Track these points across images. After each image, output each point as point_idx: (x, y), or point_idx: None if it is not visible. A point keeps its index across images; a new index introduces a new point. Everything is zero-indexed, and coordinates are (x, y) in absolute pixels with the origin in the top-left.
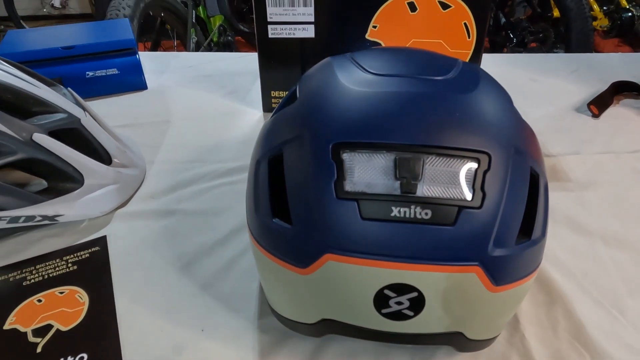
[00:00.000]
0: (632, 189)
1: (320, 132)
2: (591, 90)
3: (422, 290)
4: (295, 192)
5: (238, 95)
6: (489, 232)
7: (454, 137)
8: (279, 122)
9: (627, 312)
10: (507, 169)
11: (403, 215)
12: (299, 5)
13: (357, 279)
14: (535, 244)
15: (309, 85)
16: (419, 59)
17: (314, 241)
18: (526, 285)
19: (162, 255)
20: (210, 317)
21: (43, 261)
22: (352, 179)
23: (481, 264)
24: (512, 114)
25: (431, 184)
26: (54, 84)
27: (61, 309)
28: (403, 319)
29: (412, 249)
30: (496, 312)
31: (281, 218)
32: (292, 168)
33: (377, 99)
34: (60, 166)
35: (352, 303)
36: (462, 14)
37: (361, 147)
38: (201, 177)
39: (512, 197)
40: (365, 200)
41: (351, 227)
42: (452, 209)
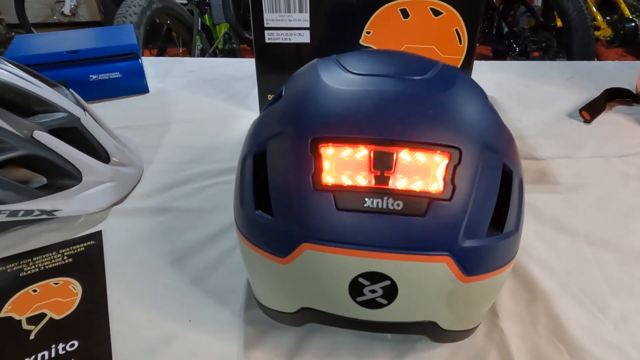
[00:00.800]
0: (619, 192)
1: (301, 128)
2: (585, 96)
3: (394, 279)
4: (276, 185)
5: (237, 99)
6: (458, 223)
7: (427, 133)
8: (265, 119)
9: (608, 310)
10: (477, 163)
11: (376, 206)
12: (295, 11)
13: (332, 267)
14: (507, 237)
15: (294, 84)
16: (400, 61)
17: (292, 231)
18: (499, 277)
19: (155, 250)
20: (199, 310)
21: (40, 254)
22: (328, 171)
23: (451, 254)
24: (486, 113)
25: (404, 177)
26: (56, 85)
27: (55, 299)
28: (377, 307)
29: (385, 239)
30: (469, 303)
31: (264, 210)
32: (274, 162)
33: (355, 97)
34: (60, 163)
35: (329, 291)
36: (453, 20)
37: (339, 141)
38: (197, 177)
39: (482, 191)
40: (340, 192)
41: (327, 218)
42: (422, 201)
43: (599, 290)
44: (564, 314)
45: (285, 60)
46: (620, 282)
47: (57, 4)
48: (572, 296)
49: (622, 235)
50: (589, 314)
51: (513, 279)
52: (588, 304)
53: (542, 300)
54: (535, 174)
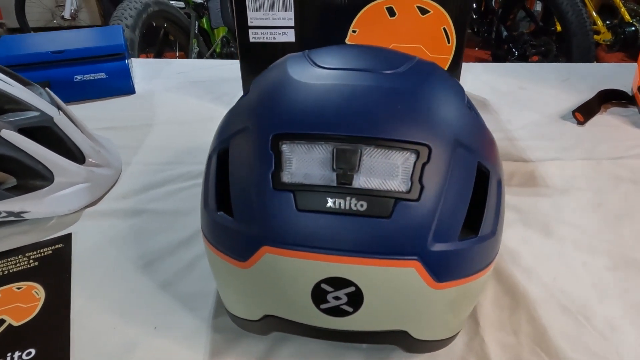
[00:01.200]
0: (609, 195)
1: (263, 124)
2: (580, 98)
3: (359, 285)
4: (237, 184)
5: (223, 101)
6: (427, 226)
7: (394, 129)
8: (231, 116)
9: (594, 318)
10: (448, 162)
11: (338, 206)
12: (280, 10)
13: (293, 272)
14: (482, 240)
15: (261, 80)
16: (373, 55)
17: (252, 234)
18: (474, 284)
19: (125, 254)
20: (166, 316)
21: (5, 257)
22: (289, 170)
23: (420, 258)
24: (461, 109)
25: (368, 176)
26: (30, 84)
27: (16, 304)
28: (342, 315)
29: (348, 242)
30: (442, 311)
31: (225, 212)
32: (235, 160)
33: (321, 92)
34: (29, 163)
35: (291, 298)
36: (441, 19)
37: (301, 138)
38: (175, 178)
39: (454, 191)
40: (301, 192)
41: (287, 219)
42: (388, 201)
43: (586, 297)
44: (549, 322)
45: (270, 60)
46: (608, 288)
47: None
48: (557, 303)
49: (611, 240)
50: (575, 322)
51: (496, 285)
52: (574, 312)
53: (525, 308)
54: (524, 176)
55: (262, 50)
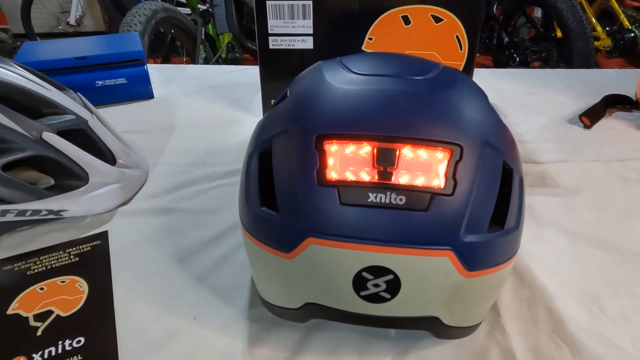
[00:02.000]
0: (618, 195)
1: (306, 125)
2: (585, 103)
3: (397, 273)
4: (282, 181)
5: (240, 105)
6: (460, 218)
7: (429, 130)
8: (270, 119)
9: (607, 309)
10: (478, 160)
11: (379, 200)
12: (299, 18)
13: (336, 261)
14: (508, 233)
15: (299, 85)
16: (402, 62)
17: (297, 226)
18: (500, 273)
19: (160, 250)
20: (203, 307)
21: (47, 253)
22: (333, 167)
23: (453, 248)
24: (486, 111)
25: (406, 172)
26: (65, 89)
27: (62, 297)
28: (381, 301)
29: (388, 233)
30: (471, 298)
31: (269, 207)
32: (279, 159)
33: (359, 95)
34: (67, 164)
35: (333, 285)
36: (454, 27)
37: (343, 138)
38: (201, 179)
39: (483, 187)
40: (344, 187)
41: (331, 212)
42: (425, 196)
43: (599, 290)
44: (565, 312)
45: (289, 66)
46: (619, 281)
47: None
48: (572, 295)
49: (620, 237)
50: (589, 313)
51: (514, 278)
52: (588, 303)
53: (542, 299)
54: (535, 177)
55: (281, 57)
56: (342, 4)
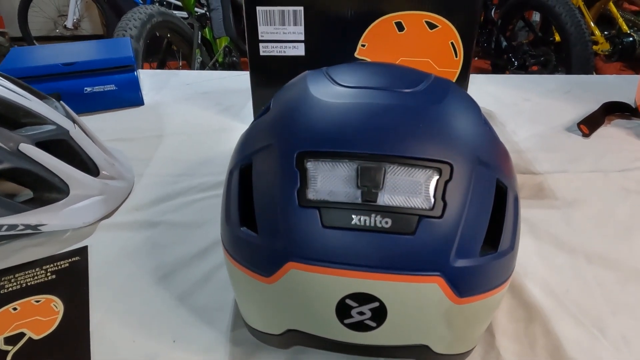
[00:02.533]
0: (619, 207)
1: (287, 142)
2: (584, 110)
3: (383, 300)
4: (261, 201)
5: (232, 112)
6: (450, 242)
7: (417, 147)
8: (252, 132)
9: (608, 331)
10: (469, 179)
11: (363, 223)
12: (290, 24)
13: (319, 288)
14: (502, 256)
15: (282, 97)
16: (391, 73)
17: (277, 249)
18: (494, 298)
19: (141, 266)
20: (184, 329)
21: (23, 270)
22: (314, 187)
23: (443, 274)
24: (479, 126)
25: (392, 193)
26: (46, 97)
27: (35, 318)
28: (366, 329)
29: (373, 258)
30: (463, 325)
31: (249, 227)
32: (259, 176)
33: (343, 110)
34: (46, 176)
35: (315, 313)
36: (448, 33)
37: (325, 156)
38: (188, 190)
39: (475, 208)
40: (326, 209)
41: (313, 235)
42: (412, 218)
43: (599, 310)
44: (563, 334)
45: (280, 73)
46: (621, 301)
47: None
48: (571, 316)
49: (622, 253)
50: (589, 335)
51: (510, 298)
52: (588, 324)
53: (540, 320)
54: (532, 188)
55: (272, 63)
56: (335, 10)
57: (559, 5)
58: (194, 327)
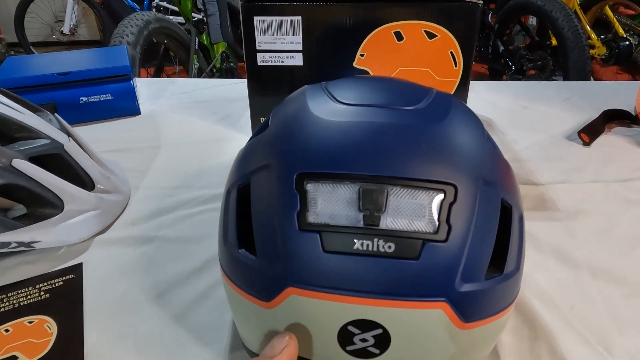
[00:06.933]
0: (621, 219)
1: (286, 162)
2: (583, 118)
3: (386, 327)
4: (260, 223)
5: (229, 122)
6: (455, 267)
7: (420, 169)
8: (250, 150)
9: (615, 350)
10: (474, 200)
11: (366, 248)
12: (288, 34)
13: (319, 314)
14: (507, 278)
15: (281, 114)
16: (391, 89)
17: (276, 274)
18: (500, 321)
19: (137, 284)
20: (181, 350)
21: (15, 289)
22: (315, 210)
23: (448, 299)
24: (482, 144)
25: (395, 217)
26: (40, 110)
27: (28, 340)
28: (369, 357)
29: (375, 284)
30: (467, 350)
31: (247, 249)
32: (257, 198)
33: (344, 129)
34: (40, 192)
35: (316, 339)
36: (448, 43)
37: (326, 177)
38: (185, 203)
39: (481, 230)
40: (327, 233)
41: (313, 260)
42: (416, 242)
43: (605, 327)
44: (569, 353)
45: (278, 83)
46: (627, 317)
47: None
48: (576, 333)
49: (626, 266)
50: (595, 353)
51: (514, 315)
52: (594, 342)
53: (545, 338)
54: (534, 200)
55: (270, 73)
56: (333, 19)
57: (556, 10)
58: (192, 349)
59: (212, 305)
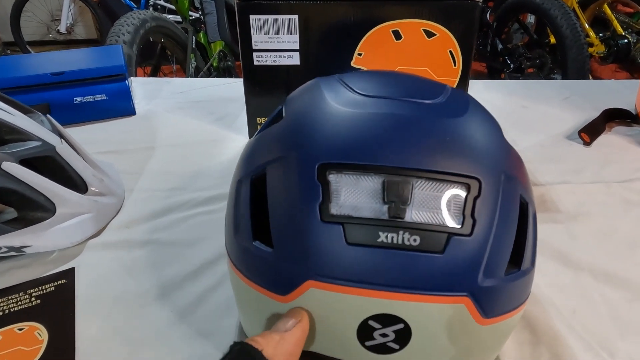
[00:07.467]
0: (622, 220)
1: (307, 152)
2: (583, 117)
3: (408, 322)
4: (278, 214)
5: (226, 122)
6: (478, 261)
7: (444, 162)
8: (264, 141)
9: (618, 354)
10: (497, 195)
11: (390, 241)
12: (284, 33)
13: (340, 308)
14: (524, 274)
15: (296, 104)
16: (408, 82)
17: (295, 267)
18: (514, 318)
19: (131, 289)
20: (175, 358)
21: (6, 294)
22: (338, 201)
23: (470, 294)
24: (501, 139)
25: (420, 209)
26: (31, 111)
27: (18, 348)
28: (388, 352)
29: (399, 278)
30: (484, 346)
31: (262, 241)
32: (275, 188)
33: (365, 120)
34: (31, 195)
35: (335, 334)
36: (447, 42)
37: (349, 168)
38: (179, 206)
39: (503, 225)
40: (351, 224)
41: (336, 253)
42: (441, 236)
43: (608, 332)
44: (571, 358)
45: (275, 83)
46: (629, 322)
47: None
48: (579, 338)
49: (628, 269)
50: (597, 358)
51: None
52: (596, 348)
53: (547, 343)
54: (535, 201)
55: (266, 73)
56: (330, 18)
57: (555, 8)
58: (187, 356)
59: (209, 311)
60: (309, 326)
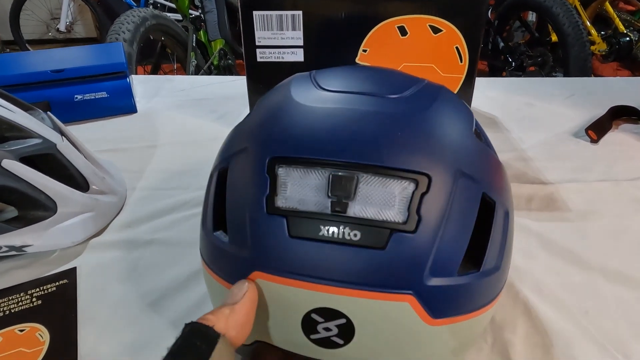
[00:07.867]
0: (633, 219)
1: (261, 146)
2: (589, 115)
3: (350, 317)
4: (232, 206)
5: (227, 120)
6: (424, 259)
7: (393, 157)
8: (233, 135)
9: (634, 356)
10: (449, 192)
11: (331, 235)
12: (288, 29)
13: (284, 300)
14: (485, 275)
15: (264, 99)
16: (380, 78)
17: (245, 258)
18: (475, 320)
19: (133, 289)
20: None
21: (6, 295)
22: (284, 194)
23: (415, 293)
24: (466, 137)
25: (364, 204)
26: (32, 108)
27: (19, 349)
28: (333, 347)
29: (340, 272)
30: (439, 348)
31: (224, 232)
32: (232, 181)
33: (322, 115)
34: (32, 194)
35: (282, 326)
36: (453, 38)
37: (297, 162)
38: (181, 205)
39: (454, 223)
40: (294, 217)
41: (279, 245)
42: (383, 232)
43: (621, 333)
44: None
45: (278, 79)
46: None
47: (52, 20)
48: (592, 340)
49: (639, 269)
50: None
51: (526, 321)
52: (611, 350)
53: (560, 346)
54: (544, 200)
55: (270, 70)
56: (335, 13)
57: (556, 6)
58: None
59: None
60: (257, 295)
